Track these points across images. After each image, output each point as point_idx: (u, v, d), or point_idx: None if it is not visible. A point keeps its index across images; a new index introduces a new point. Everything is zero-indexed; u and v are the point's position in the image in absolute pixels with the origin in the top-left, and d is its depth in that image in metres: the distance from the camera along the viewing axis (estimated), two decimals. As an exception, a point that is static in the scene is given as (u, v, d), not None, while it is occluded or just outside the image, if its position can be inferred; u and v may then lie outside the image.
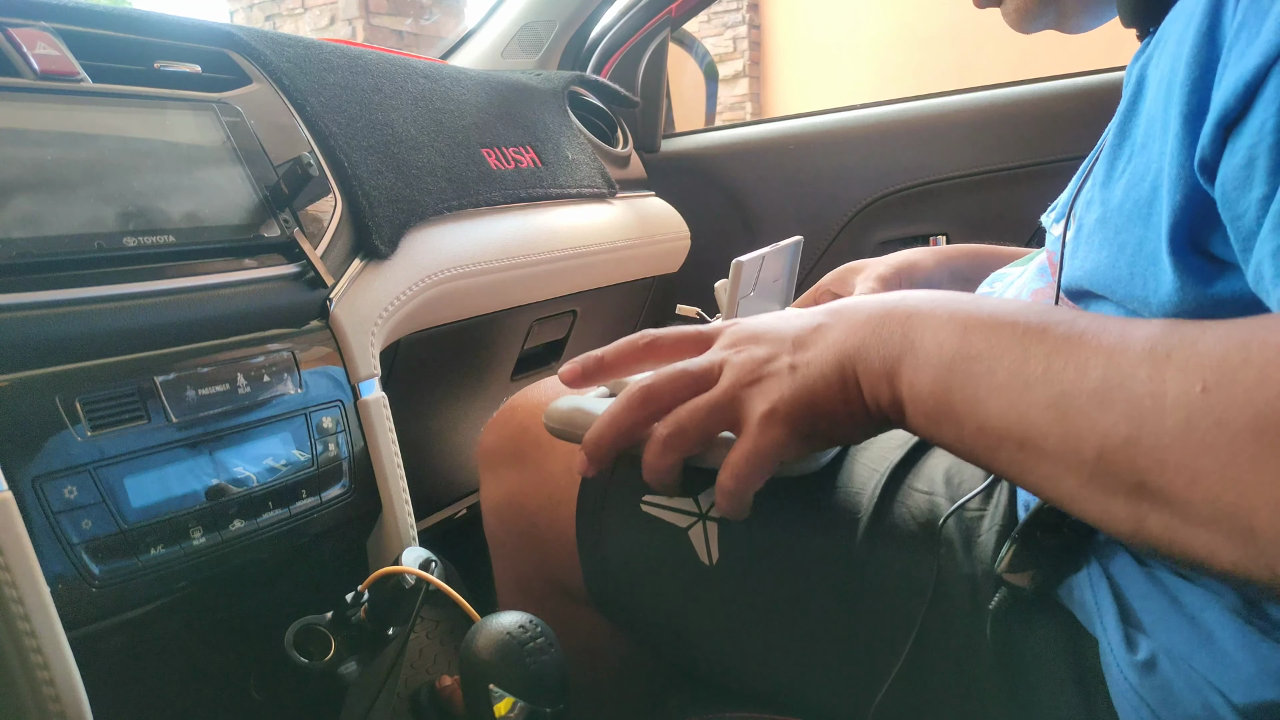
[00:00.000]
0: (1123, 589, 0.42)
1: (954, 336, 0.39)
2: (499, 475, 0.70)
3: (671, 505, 0.57)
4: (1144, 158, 0.38)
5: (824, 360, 0.43)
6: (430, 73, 0.94)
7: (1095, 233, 0.42)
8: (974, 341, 0.38)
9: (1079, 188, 0.46)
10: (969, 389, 0.37)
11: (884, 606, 0.50)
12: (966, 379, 0.37)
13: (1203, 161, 0.33)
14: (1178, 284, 0.35)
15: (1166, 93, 0.36)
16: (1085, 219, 0.43)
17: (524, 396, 0.72)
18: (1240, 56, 0.31)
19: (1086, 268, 0.42)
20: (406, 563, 0.59)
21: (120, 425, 0.52)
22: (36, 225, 0.51)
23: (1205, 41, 0.33)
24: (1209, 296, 0.35)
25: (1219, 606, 0.39)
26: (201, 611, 0.58)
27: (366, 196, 0.74)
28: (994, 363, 0.36)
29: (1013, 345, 0.36)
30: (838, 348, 0.43)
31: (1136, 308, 0.39)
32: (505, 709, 0.49)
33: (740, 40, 5.87)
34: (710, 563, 0.55)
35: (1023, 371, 0.35)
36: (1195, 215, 0.34)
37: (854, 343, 0.42)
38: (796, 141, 1.36)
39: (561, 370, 0.51)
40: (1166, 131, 0.35)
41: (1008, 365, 0.36)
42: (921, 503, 0.52)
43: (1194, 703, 0.38)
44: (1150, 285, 0.37)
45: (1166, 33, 0.37)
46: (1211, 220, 0.34)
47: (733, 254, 0.71)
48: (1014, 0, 0.55)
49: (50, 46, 0.59)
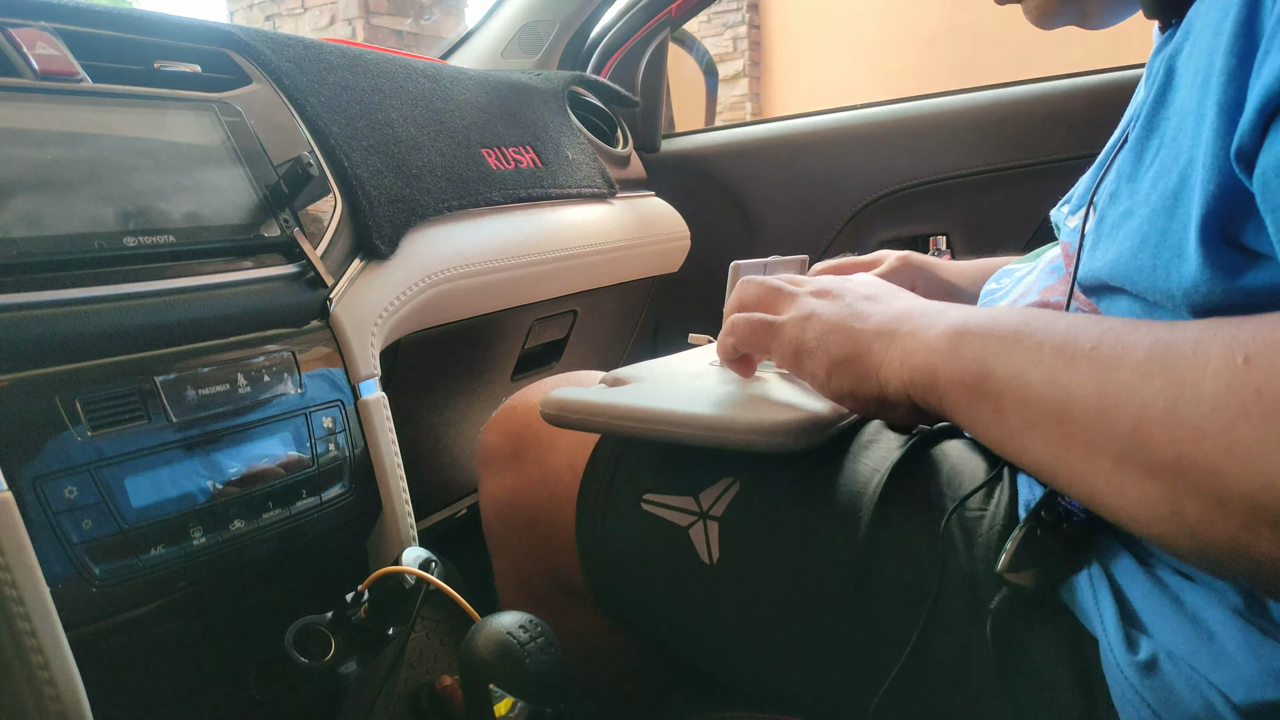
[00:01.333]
0: (1123, 588, 0.42)
1: (1014, 315, 0.40)
2: (499, 474, 0.70)
3: (673, 504, 0.57)
4: (1173, 149, 0.38)
5: (883, 311, 0.46)
6: (430, 73, 0.94)
7: (1120, 224, 0.41)
8: (1031, 320, 0.39)
9: (1099, 179, 0.46)
10: (1015, 360, 0.38)
11: (885, 606, 0.50)
12: (1015, 349, 0.38)
13: (1240, 151, 0.33)
14: (1205, 275, 0.35)
15: (1203, 83, 0.35)
16: (1108, 211, 0.43)
17: (524, 396, 0.72)
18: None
19: (1108, 259, 0.42)
20: (406, 563, 0.59)
21: (120, 425, 0.52)
22: (36, 225, 0.51)
23: (1243, 31, 0.33)
24: (1237, 288, 0.35)
25: (1220, 606, 0.39)
26: (201, 611, 0.58)
27: (366, 196, 0.74)
28: (1045, 338, 0.37)
29: (1067, 327, 0.37)
30: (897, 309, 0.46)
31: (1158, 299, 0.39)
32: (505, 709, 0.49)
33: (740, 40, 5.87)
34: (711, 561, 0.55)
35: (1071, 346, 0.36)
36: (1229, 205, 0.34)
37: (915, 305, 0.46)
38: (797, 141, 1.36)
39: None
40: (1201, 122, 0.35)
41: (1057, 341, 0.36)
42: (923, 501, 0.52)
43: (1195, 703, 0.38)
44: (1174, 277, 0.37)
45: (1196, 24, 0.37)
46: (1246, 211, 0.34)
47: (733, 254, 0.71)
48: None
49: (50, 46, 0.59)
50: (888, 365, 0.45)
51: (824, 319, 0.48)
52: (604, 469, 0.61)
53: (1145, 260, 0.39)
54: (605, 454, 0.62)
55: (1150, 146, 0.41)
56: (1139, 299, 0.41)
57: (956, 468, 0.54)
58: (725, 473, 0.56)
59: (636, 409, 0.54)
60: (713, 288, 0.81)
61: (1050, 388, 0.36)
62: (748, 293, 0.54)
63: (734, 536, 0.55)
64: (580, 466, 0.62)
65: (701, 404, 0.53)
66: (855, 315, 0.47)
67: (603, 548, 0.60)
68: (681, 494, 0.57)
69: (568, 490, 0.62)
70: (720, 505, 0.55)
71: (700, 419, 0.51)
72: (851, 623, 0.51)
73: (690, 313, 1.40)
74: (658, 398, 0.55)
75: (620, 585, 0.61)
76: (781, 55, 5.91)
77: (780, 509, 0.54)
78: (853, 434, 0.58)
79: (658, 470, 0.59)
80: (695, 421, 0.51)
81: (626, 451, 0.61)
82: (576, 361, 1.19)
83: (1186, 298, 0.36)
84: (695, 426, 0.51)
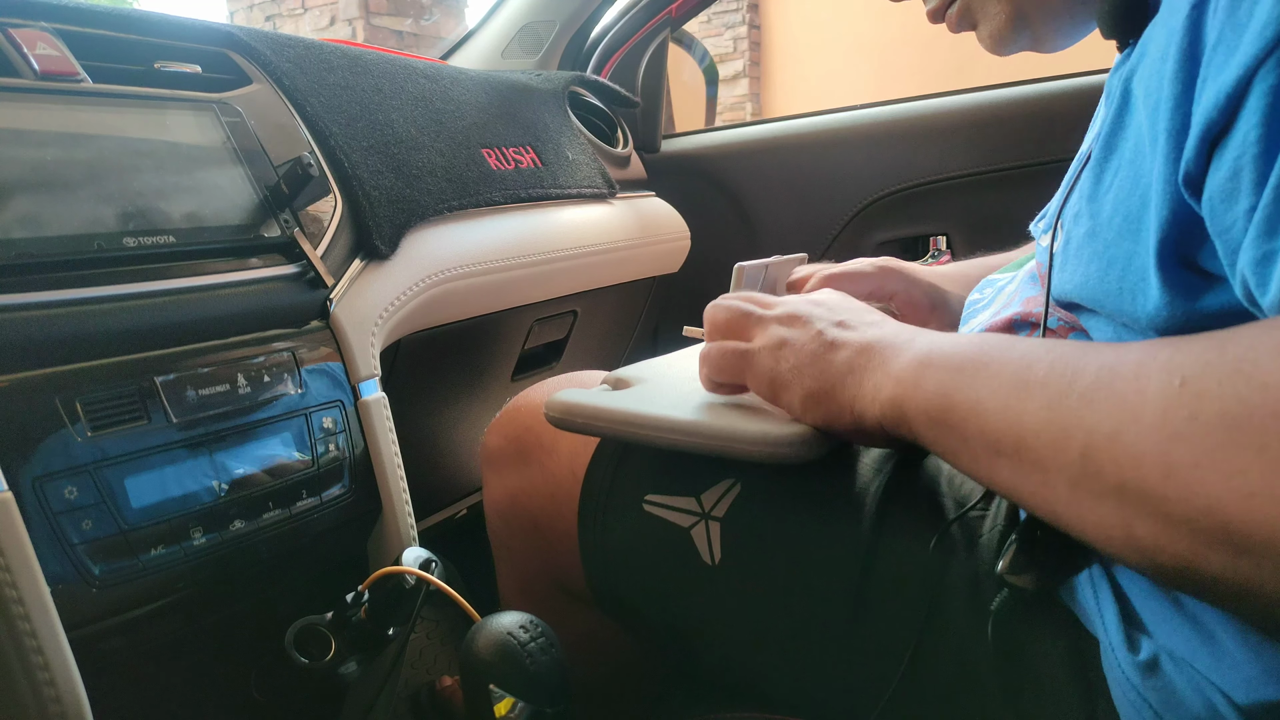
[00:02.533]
0: (1124, 589, 0.42)
1: (971, 344, 0.40)
2: (502, 475, 0.70)
3: (674, 505, 0.57)
4: (1133, 172, 0.38)
5: (852, 341, 0.46)
6: (430, 73, 0.94)
7: (1084, 246, 0.42)
8: (988, 349, 0.39)
9: (1064, 199, 0.46)
10: (973, 390, 0.38)
11: (887, 607, 0.50)
12: (974, 379, 0.38)
13: (1188, 177, 0.33)
14: (1166, 298, 0.35)
15: (1153, 109, 0.35)
16: (1073, 232, 0.43)
17: (526, 397, 0.72)
18: (1220, 69, 0.31)
19: (1076, 280, 0.42)
20: (406, 563, 0.59)
21: (120, 425, 0.52)
22: (36, 225, 0.51)
23: (1186, 58, 0.33)
24: (1197, 311, 0.35)
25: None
26: (201, 611, 0.58)
27: (367, 197, 0.74)
28: (1000, 367, 0.38)
29: (1023, 355, 0.37)
30: (867, 338, 0.46)
31: (1126, 321, 0.39)
32: (505, 709, 0.49)
33: (740, 40, 5.87)
34: (713, 562, 0.55)
35: (1025, 376, 0.36)
36: (1182, 230, 0.35)
37: (883, 335, 0.46)
38: (797, 141, 1.36)
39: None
40: (1155, 146, 0.35)
41: (1012, 371, 0.37)
42: (925, 503, 0.52)
43: (1196, 703, 0.38)
44: (1140, 300, 0.37)
45: (1149, 45, 0.37)
46: (1199, 235, 0.34)
47: (733, 254, 0.71)
48: (987, 26, 0.56)
49: (50, 46, 0.59)
50: (860, 399, 0.45)
51: (796, 349, 0.48)
52: (605, 471, 0.61)
53: (1112, 285, 0.39)
54: (606, 456, 0.62)
55: (1110, 167, 0.40)
56: (1110, 320, 0.41)
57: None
58: (727, 473, 0.56)
59: (643, 416, 0.54)
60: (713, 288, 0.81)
61: (1006, 416, 0.36)
62: (717, 317, 0.53)
63: (736, 537, 0.55)
64: (581, 470, 0.62)
65: (708, 411, 0.53)
66: (826, 346, 0.47)
67: (604, 549, 0.60)
68: (683, 494, 0.57)
69: (569, 493, 0.62)
70: (722, 506, 0.55)
71: (706, 429, 0.51)
72: (854, 624, 0.51)
73: (690, 313, 1.40)
74: (664, 404, 0.55)
75: (622, 586, 0.61)
76: (781, 55, 5.91)
77: (782, 510, 0.54)
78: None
79: (659, 471, 0.59)
80: (702, 430, 0.51)
81: (628, 453, 0.61)
82: (577, 362, 1.19)
83: (1151, 321, 0.36)
84: (702, 435, 0.51)
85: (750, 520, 0.55)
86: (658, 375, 0.62)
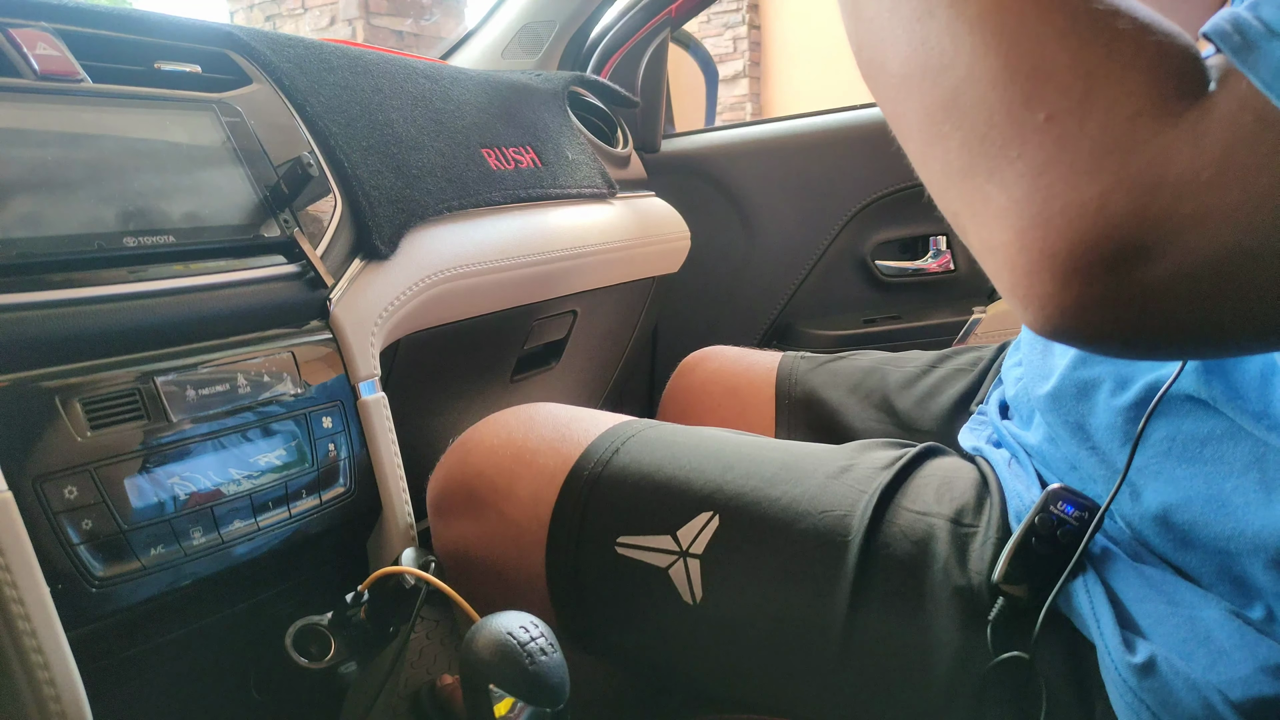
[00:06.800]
0: (1118, 593, 0.42)
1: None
2: (452, 524, 0.66)
3: (649, 545, 0.55)
4: None
5: None
6: (430, 73, 0.94)
7: None
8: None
9: None
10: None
11: (879, 632, 0.49)
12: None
13: None
14: None
15: None
16: None
17: (475, 434, 0.68)
18: None
19: None
20: (406, 563, 0.59)
21: (120, 425, 0.52)
22: (36, 225, 0.51)
23: None
24: None
25: (1215, 605, 0.39)
26: (201, 611, 0.58)
27: (366, 196, 0.74)
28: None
29: None
30: None
31: None
32: (505, 709, 0.49)
33: (740, 40, 5.87)
34: (694, 601, 0.53)
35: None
36: None
37: None
38: (796, 142, 1.36)
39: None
40: None
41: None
42: (914, 522, 0.51)
43: (1193, 702, 0.38)
44: None
45: None
46: None
47: (733, 254, 0.70)
48: None
49: (50, 46, 0.59)
50: None
51: None
52: (572, 515, 0.58)
53: None
54: (571, 499, 0.59)
55: None
56: None
57: (945, 484, 0.53)
58: (702, 506, 0.54)
59: None
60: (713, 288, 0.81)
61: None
62: None
63: (717, 573, 0.53)
64: (546, 514, 0.59)
65: None
66: None
67: (578, 595, 0.58)
68: (658, 533, 0.55)
69: (534, 538, 0.59)
70: (700, 542, 0.54)
71: None
72: (845, 651, 0.50)
73: (690, 313, 1.40)
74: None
75: (598, 630, 0.59)
76: (781, 55, 5.91)
77: (764, 541, 0.53)
78: (831, 456, 0.57)
79: (629, 509, 0.57)
80: None
81: (594, 494, 0.58)
82: (577, 362, 1.19)
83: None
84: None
85: (732, 554, 0.53)
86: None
